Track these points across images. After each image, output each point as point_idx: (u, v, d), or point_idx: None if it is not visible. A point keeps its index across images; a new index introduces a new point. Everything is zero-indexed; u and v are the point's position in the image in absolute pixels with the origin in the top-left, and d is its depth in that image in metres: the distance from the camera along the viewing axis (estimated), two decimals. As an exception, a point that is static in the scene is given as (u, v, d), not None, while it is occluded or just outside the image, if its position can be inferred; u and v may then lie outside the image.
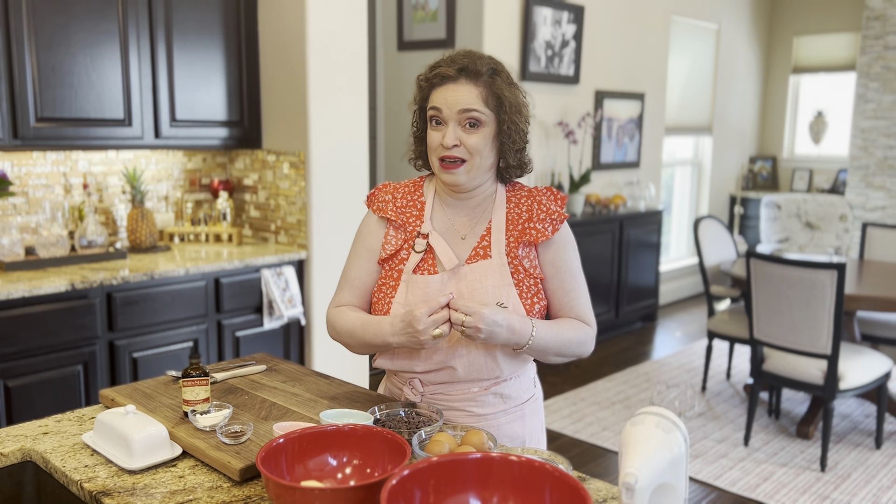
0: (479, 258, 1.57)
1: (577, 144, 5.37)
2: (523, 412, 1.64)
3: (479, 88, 1.50)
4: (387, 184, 1.68)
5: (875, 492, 3.28)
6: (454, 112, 1.50)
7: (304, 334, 3.60)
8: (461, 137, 1.50)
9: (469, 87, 1.50)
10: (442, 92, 1.52)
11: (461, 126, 1.51)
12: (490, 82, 1.51)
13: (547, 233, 1.56)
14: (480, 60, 1.52)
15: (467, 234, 1.60)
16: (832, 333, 3.31)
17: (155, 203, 3.68)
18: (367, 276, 1.64)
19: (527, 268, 1.57)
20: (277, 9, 3.51)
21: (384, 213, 1.63)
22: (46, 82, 2.96)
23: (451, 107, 1.50)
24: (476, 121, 1.50)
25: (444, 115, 1.51)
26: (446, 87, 1.51)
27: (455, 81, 1.51)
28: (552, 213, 1.57)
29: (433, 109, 1.53)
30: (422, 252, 1.58)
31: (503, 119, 1.52)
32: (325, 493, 1.08)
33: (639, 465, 1.02)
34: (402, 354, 1.58)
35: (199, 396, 1.52)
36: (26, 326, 2.73)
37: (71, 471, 1.36)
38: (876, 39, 6.15)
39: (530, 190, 1.62)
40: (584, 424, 3.97)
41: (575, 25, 5.17)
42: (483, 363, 1.54)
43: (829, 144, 7.33)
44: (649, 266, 5.84)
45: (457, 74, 1.51)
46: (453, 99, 1.50)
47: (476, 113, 1.49)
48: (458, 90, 1.50)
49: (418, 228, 1.61)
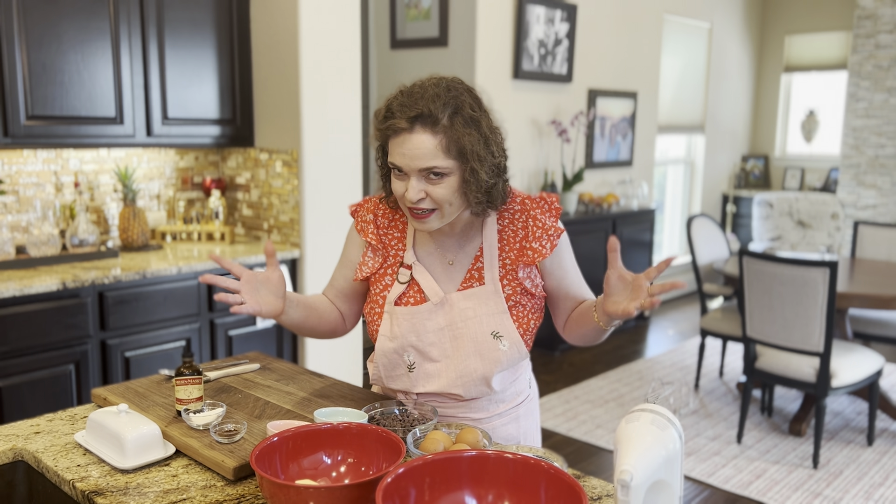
0: (474, 281, 1.52)
1: (570, 143, 5.37)
2: (517, 413, 1.63)
3: (438, 137, 1.37)
4: (370, 199, 1.62)
5: (867, 488, 3.29)
6: (415, 169, 1.38)
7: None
8: (426, 189, 1.40)
9: (426, 137, 1.36)
10: (399, 144, 1.39)
11: (425, 179, 1.40)
12: (448, 128, 1.37)
13: (545, 252, 1.49)
14: (436, 101, 1.37)
15: (456, 258, 1.54)
16: (824, 331, 3.32)
17: (147, 202, 3.66)
18: (346, 284, 1.66)
19: (528, 288, 1.52)
20: (270, 7, 3.49)
21: (364, 235, 1.58)
22: (37, 80, 2.95)
23: (410, 163, 1.38)
24: (439, 173, 1.39)
25: (405, 171, 1.40)
26: (402, 138, 1.38)
27: (411, 132, 1.37)
28: (548, 228, 1.50)
29: (393, 164, 1.42)
30: (405, 283, 1.54)
31: (467, 163, 1.39)
32: (320, 491, 1.07)
33: (634, 462, 1.02)
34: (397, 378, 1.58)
35: (192, 395, 1.51)
36: (17, 326, 2.72)
37: (63, 470, 1.35)
38: (867, 38, 6.17)
39: (522, 202, 1.53)
40: (578, 423, 3.97)
41: (568, 24, 5.17)
42: (478, 388, 1.53)
43: (821, 143, 7.36)
44: (642, 264, 5.85)
45: (411, 125, 1.37)
46: (411, 154, 1.37)
47: (438, 167, 1.38)
48: (415, 143, 1.37)
49: (401, 253, 1.56)
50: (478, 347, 1.50)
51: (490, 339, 1.50)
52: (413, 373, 1.55)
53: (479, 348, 1.50)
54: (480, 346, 1.50)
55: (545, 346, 5.17)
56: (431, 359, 1.53)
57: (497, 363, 1.50)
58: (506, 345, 1.50)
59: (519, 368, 1.60)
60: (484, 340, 1.50)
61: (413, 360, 1.54)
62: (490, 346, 1.50)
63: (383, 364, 1.58)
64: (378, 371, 1.60)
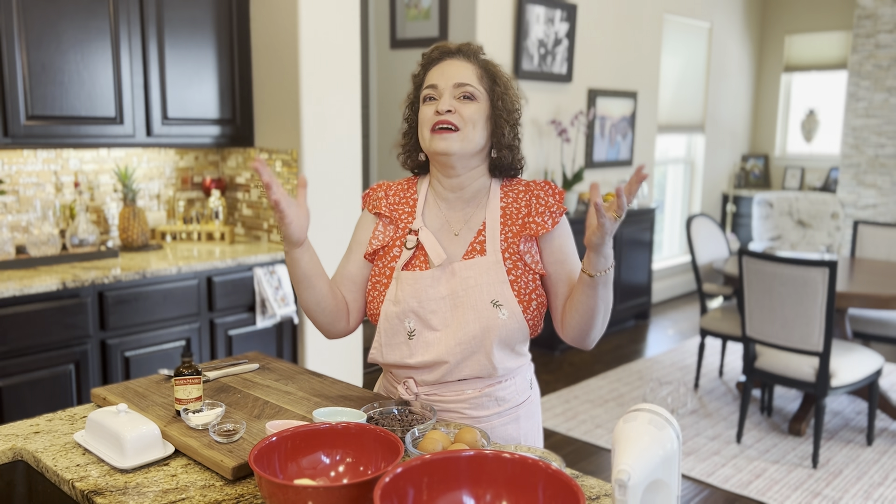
0: (476, 253, 1.56)
1: (570, 143, 5.37)
2: (518, 414, 1.62)
3: (475, 67, 1.57)
4: (381, 183, 1.69)
5: (866, 488, 3.29)
6: (450, 85, 1.54)
7: (296, 333, 3.59)
8: (456, 106, 1.54)
9: (466, 63, 1.57)
10: (439, 68, 1.57)
11: (456, 98, 1.54)
12: (485, 63, 1.59)
13: (547, 225, 1.56)
14: (471, 47, 1.61)
15: (461, 230, 1.60)
16: (824, 331, 3.33)
17: (147, 201, 3.66)
18: (355, 268, 1.65)
19: (528, 263, 1.56)
20: (270, 6, 3.49)
21: (377, 209, 1.64)
22: (37, 80, 2.95)
23: (447, 80, 1.55)
24: (471, 95, 1.54)
25: (439, 89, 1.55)
26: (444, 63, 1.58)
27: (453, 57, 1.58)
28: (550, 206, 1.58)
29: (429, 88, 1.56)
30: (412, 248, 1.58)
31: (496, 98, 1.56)
32: (319, 491, 1.08)
33: (632, 462, 1.02)
34: (395, 347, 1.58)
35: (191, 395, 1.51)
36: (17, 326, 2.72)
37: (62, 470, 1.35)
38: (867, 38, 6.17)
39: (527, 184, 1.62)
40: (578, 422, 3.97)
41: (568, 24, 5.17)
42: (477, 361, 1.53)
43: (821, 143, 7.36)
44: (642, 264, 5.85)
45: (455, 51, 1.59)
46: (450, 72, 1.55)
47: (471, 88, 1.54)
48: (455, 65, 1.56)
49: (410, 224, 1.61)
50: (478, 315, 1.52)
51: (490, 308, 1.52)
52: (412, 340, 1.56)
53: (478, 316, 1.52)
54: (480, 313, 1.52)
55: (545, 346, 5.17)
56: (432, 327, 1.55)
57: (496, 332, 1.51)
58: (505, 314, 1.52)
59: (521, 357, 1.60)
60: (484, 308, 1.52)
61: (413, 326, 1.56)
62: (489, 315, 1.51)
63: (385, 330, 1.58)
64: (379, 339, 1.61)
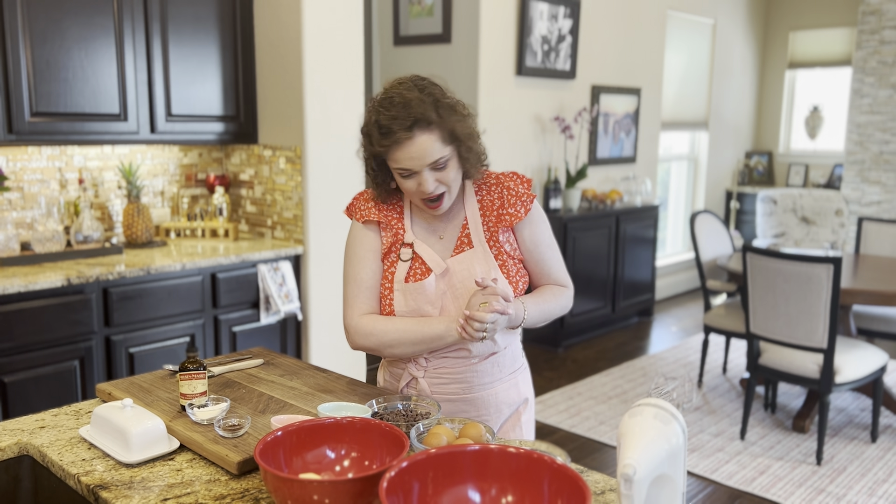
0: (465, 247, 1.67)
1: (574, 139, 5.37)
2: (516, 380, 1.77)
3: (435, 133, 1.53)
4: (362, 192, 1.76)
5: (870, 485, 3.29)
6: (424, 165, 1.54)
7: (300, 329, 3.59)
8: (436, 177, 1.57)
9: (426, 136, 1.53)
10: (404, 151, 1.53)
11: (433, 170, 1.56)
12: (439, 122, 1.53)
13: (520, 214, 1.66)
14: (421, 104, 1.52)
15: (445, 233, 1.69)
16: (828, 327, 3.32)
17: (151, 198, 3.67)
18: (376, 276, 1.70)
19: (508, 251, 1.68)
20: (273, 3, 3.49)
21: (370, 217, 1.70)
22: (41, 77, 2.95)
23: (419, 163, 1.54)
24: (444, 164, 1.56)
25: (414, 170, 1.55)
26: (405, 145, 1.53)
27: (412, 138, 1.52)
28: (521, 195, 1.67)
29: (401, 169, 1.56)
30: (408, 261, 1.66)
31: (461, 143, 1.58)
32: (324, 485, 1.08)
33: (637, 456, 1.02)
34: None
35: (196, 390, 1.52)
36: (22, 322, 2.73)
37: (68, 464, 1.36)
38: (871, 34, 6.15)
39: (497, 177, 1.71)
40: (581, 419, 3.97)
41: (571, 20, 5.16)
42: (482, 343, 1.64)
43: (825, 139, 7.34)
44: (646, 261, 5.84)
45: (410, 132, 1.52)
46: (419, 155, 1.53)
47: (443, 158, 1.55)
48: (419, 145, 1.52)
49: (401, 233, 1.69)
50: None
51: None
52: None
53: None
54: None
55: (548, 343, 5.17)
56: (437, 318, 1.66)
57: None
58: None
59: (514, 333, 1.75)
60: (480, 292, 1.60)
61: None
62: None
63: None
64: None
